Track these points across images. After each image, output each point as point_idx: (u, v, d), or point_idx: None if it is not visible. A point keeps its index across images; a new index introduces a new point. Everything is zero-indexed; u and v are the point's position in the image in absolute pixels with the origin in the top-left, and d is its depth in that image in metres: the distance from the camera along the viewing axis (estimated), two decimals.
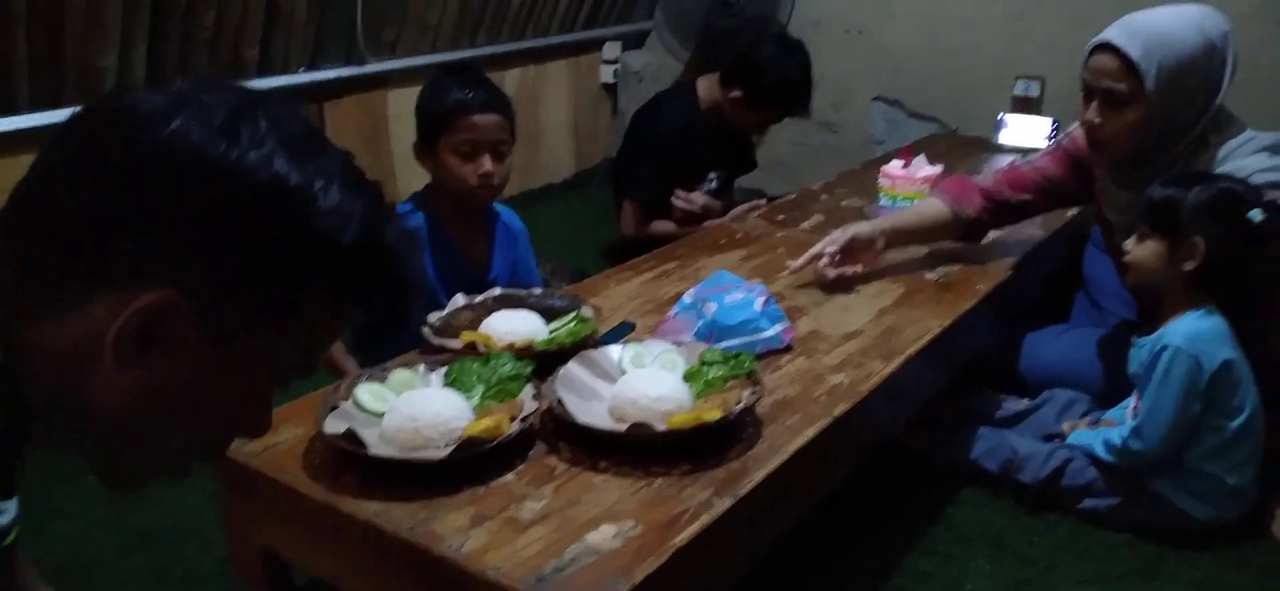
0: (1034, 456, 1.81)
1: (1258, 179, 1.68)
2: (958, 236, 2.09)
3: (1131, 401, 1.80)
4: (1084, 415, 1.94)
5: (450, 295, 1.78)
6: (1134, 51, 1.73)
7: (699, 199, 2.86)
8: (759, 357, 1.50)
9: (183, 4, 2.50)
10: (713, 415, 1.27)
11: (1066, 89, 3.28)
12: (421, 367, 1.43)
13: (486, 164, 1.84)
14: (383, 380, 1.39)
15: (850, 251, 1.91)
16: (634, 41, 4.42)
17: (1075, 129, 2.09)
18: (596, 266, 3.08)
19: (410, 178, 3.36)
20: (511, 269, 2.04)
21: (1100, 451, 1.75)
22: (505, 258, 2.04)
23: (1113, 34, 1.77)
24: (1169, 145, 1.80)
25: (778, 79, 2.70)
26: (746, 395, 1.32)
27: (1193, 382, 1.63)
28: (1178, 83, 1.73)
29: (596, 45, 4.24)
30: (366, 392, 1.36)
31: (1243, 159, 1.74)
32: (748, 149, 3.14)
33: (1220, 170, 1.73)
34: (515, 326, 1.58)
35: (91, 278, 0.61)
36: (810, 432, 1.33)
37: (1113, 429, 1.76)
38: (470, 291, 1.84)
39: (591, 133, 4.36)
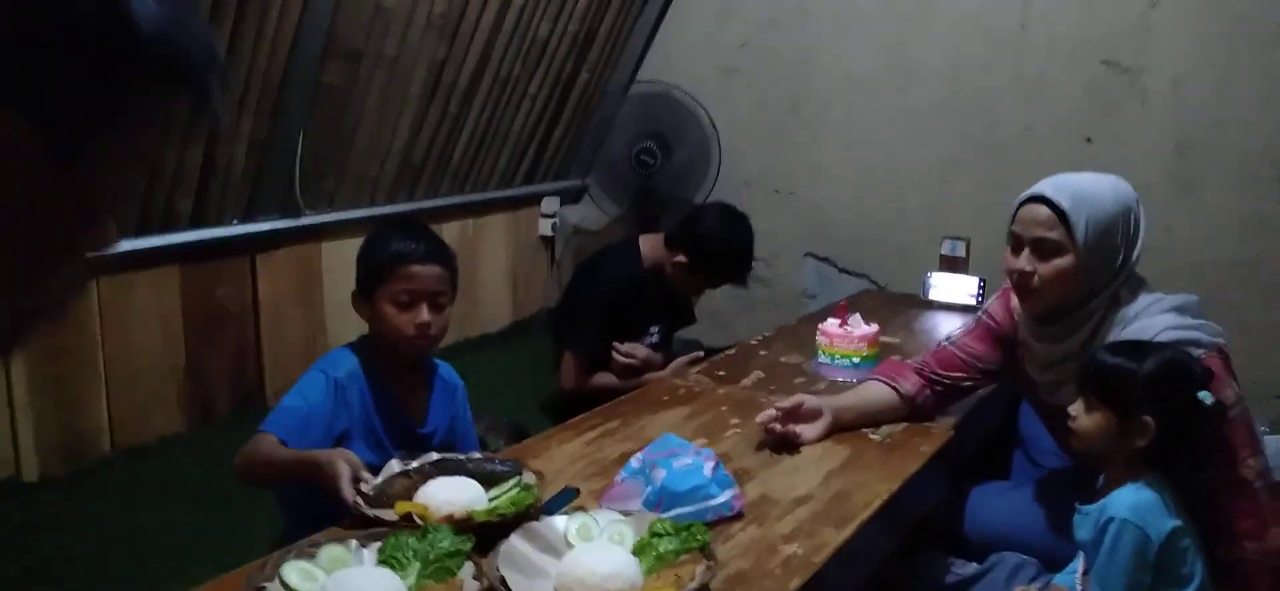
0: None
1: (1165, 336, 1.74)
2: (904, 416, 2.10)
3: (1078, 565, 1.79)
4: (1033, 579, 1.92)
5: (387, 446, 1.72)
6: (1065, 203, 1.82)
7: (640, 352, 2.85)
8: (710, 526, 1.45)
9: None
10: None
11: (991, 248, 3.40)
12: (353, 543, 1.35)
13: (424, 314, 1.82)
14: (312, 557, 1.30)
15: (795, 415, 1.93)
16: (571, 197, 4.48)
17: (992, 303, 2.16)
18: (534, 419, 3.02)
19: (341, 330, 3.29)
20: (449, 424, 1.98)
21: None
22: (443, 412, 1.98)
23: (1044, 188, 1.86)
24: (1087, 301, 1.87)
25: (720, 250, 2.76)
26: (700, 571, 1.27)
27: (1141, 555, 1.61)
28: (1101, 238, 1.82)
29: (535, 200, 4.28)
30: (294, 572, 1.26)
31: (1151, 318, 1.81)
32: (687, 303, 3.16)
33: (1130, 328, 1.80)
34: (453, 495, 1.51)
35: None
36: None
37: None
38: (407, 444, 1.78)
39: (528, 284, 4.35)
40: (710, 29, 4.04)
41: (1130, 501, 1.64)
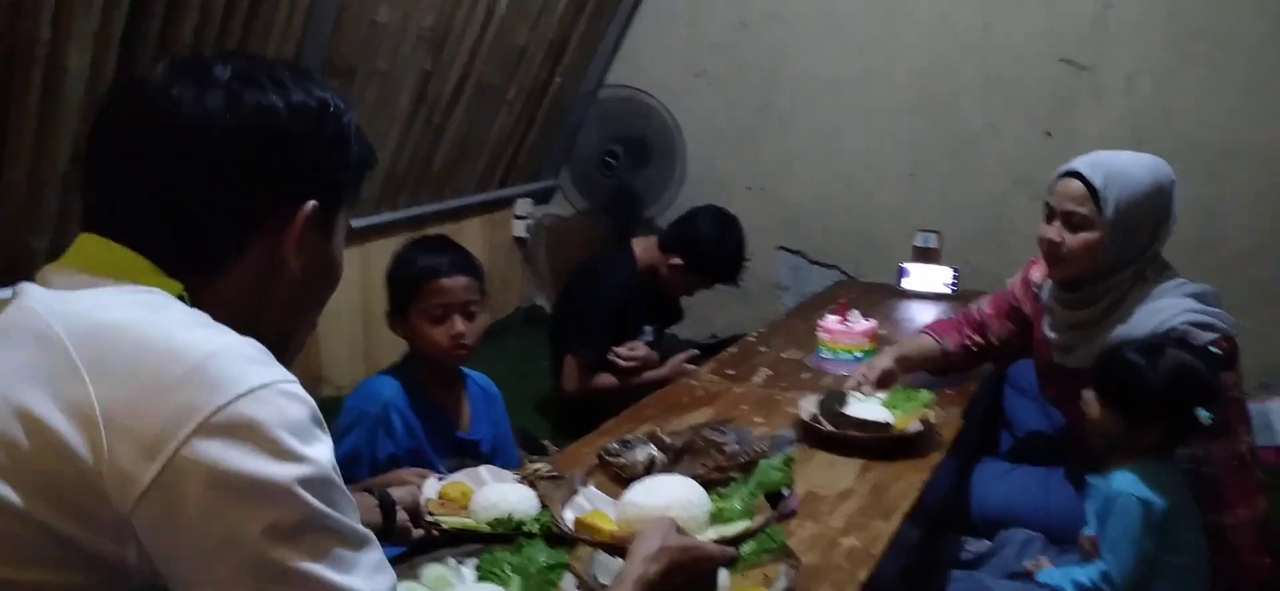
0: None
1: (1183, 318, 1.88)
2: (939, 370, 2.35)
3: (1088, 532, 1.94)
4: (1042, 552, 2.06)
5: (434, 464, 1.80)
6: (1097, 181, 1.94)
7: (640, 351, 2.95)
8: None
9: None
10: None
11: (962, 240, 3.59)
12: (452, 561, 1.42)
13: (458, 325, 1.89)
14: (415, 577, 1.37)
15: (883, 381, 2.22)
16: (542, 197, 4.54)
17: (1013, 281, 2.32)
18: (527, 420, 3.10)
19: (333, 342, 3.32)
20: (494, 432, 2.05)
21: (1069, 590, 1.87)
22: (486, 421, 2.05)
23: (1080, 163, 1.99)
24: (1114, 273, 1.99)
25: (715, 252, 2.88)
26: (784, 569, 1.37)
27: (1146, 524, 1.77)
28: (1130, 216, 1.94)
29: (509, 202, 4.33)
30: None
31: (1172, 299, 1.94)
32: (677, 302, 3.27)
33: (1151, 306, 1.94)
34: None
35: (246, 230, 0.85)
36: None
37: (1079, 568, 1.89)
38: (458, 455, 1.85)
39: (505, 285, 4.40)
40: (680, 31, 4.13)
41: (1132, 478, 1.80)
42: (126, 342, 0.72)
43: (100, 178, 0.83)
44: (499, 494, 1.53)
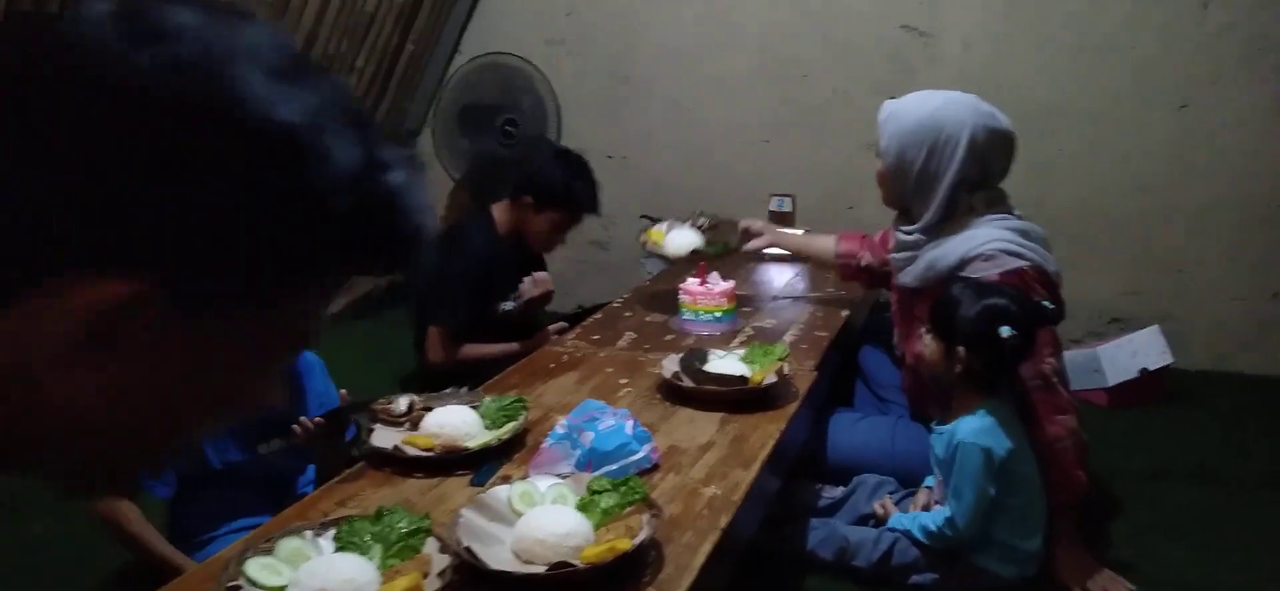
0: (864, 543, 2.01)
1: (994, 244, 2.06)
2: (843, 273, 2.71)
3: (934, 481, 2.05)
4: (892, 494, 2.17)
5: (250, 434, 1.90)
6: (882, 115, 2.26)
7: (546, 282, 2.96)
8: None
9: None
10: (624, 544, 1.32)
11: (815, 203, 3.71)
12: (309, 533, 1.37)
13: None
14: (270, 551, 1.32)
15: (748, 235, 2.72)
16: None
17: None
18: None
19: None
20: (320, 402, 2.01)
21: (918, 535, 1.98)
22: (311, 392, 2.02)
23: (887, 102, 2.27)
24: (912, 202, 2.23)
25: (562, 175, 2.86)
26: (647, 519, 1.39)
27: (987, 471, 1.89)
28: (901, 149, 2.19)
29: None
30: (256, 567, 1.28)
31: (990, 228, 2.10)
32: (541, 268, 3.25)
33: (965, 233, 2.12)
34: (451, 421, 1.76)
35: (32, 267, 0.46)
36: (707, 547, 1.42)
37: (925, 514, 2.00)
38: (276, 430, 1.90)
39: None
40: None
41: (974, 426, 1.92)
42: None
43: None
44: None
